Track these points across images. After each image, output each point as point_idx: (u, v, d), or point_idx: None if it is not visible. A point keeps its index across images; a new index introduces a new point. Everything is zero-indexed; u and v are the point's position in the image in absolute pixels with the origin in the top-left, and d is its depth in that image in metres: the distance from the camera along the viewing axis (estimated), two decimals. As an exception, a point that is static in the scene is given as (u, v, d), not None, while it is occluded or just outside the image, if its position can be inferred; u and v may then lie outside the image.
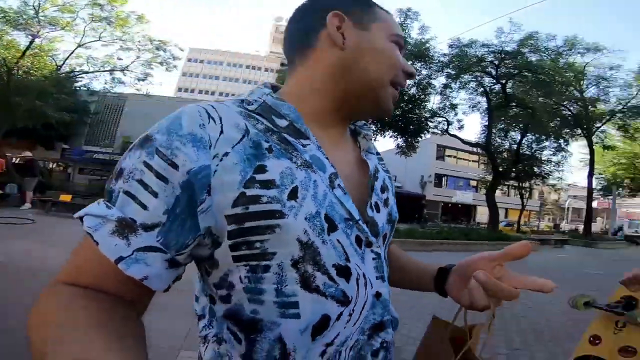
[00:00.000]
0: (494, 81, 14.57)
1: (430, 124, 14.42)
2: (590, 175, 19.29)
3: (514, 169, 18.19)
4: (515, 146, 17.54)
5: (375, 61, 0.50)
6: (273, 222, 0.39)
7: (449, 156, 33.47)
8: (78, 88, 16.34)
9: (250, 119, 0.44)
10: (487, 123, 15.71)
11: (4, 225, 5.76)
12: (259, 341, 0.41)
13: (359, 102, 0.52)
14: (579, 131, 18.27)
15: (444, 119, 15.16)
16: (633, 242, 18.75)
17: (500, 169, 16.94)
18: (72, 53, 14.06)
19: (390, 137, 14.52)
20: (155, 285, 0.38)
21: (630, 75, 16.84)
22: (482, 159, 29.17)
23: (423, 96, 13.79)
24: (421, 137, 14.18)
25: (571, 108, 17.54)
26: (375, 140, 10.72)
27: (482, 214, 34.24)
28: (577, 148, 23.05)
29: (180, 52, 18.21)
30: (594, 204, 24.66)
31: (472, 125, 47.86)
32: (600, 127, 18.91)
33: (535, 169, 19.47)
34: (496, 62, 13.87)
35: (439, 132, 15.37)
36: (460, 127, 15.83)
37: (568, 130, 18.08)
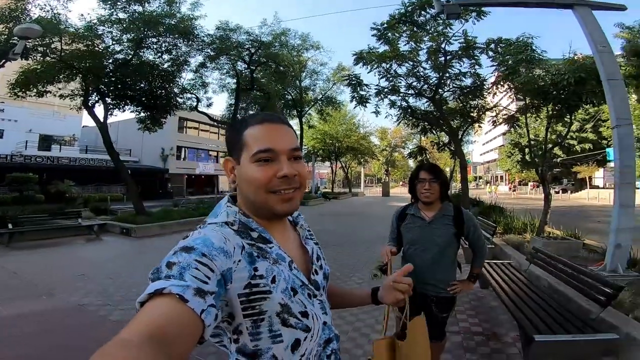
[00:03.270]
0: (246, 66, 15.15)
1: (179, 100, 13.12)
2: (300, 147, 25.18)
3: (253, 143, 20.46)
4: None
5: (248, 188, 0.73)
6: (265, 296, 0.66)
7: (191, 128, 32.38)
8: None
9: (239, 236, 0.69)
10: (233, 102, 16.38)
11: None
12: None
13: (264, 214, 0.75)
14: (295, 112, 23.11)
15: (194, 96, 14.44)
16: (327, 198, 26.57)
17: (243, 144, 18.53)
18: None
19: (132, 112, 11.94)
20: (208, 333, 0.55)
21: (331, 71, 22.85)
22: (221, 132, 30.52)
23: (177, 72, 12.17)
24: (170, 114, 12.63)
25: (292, 94, 21.61)
26: (112, 115, 7.89)
27: (225, 183, 36.59)
28: (292, 125, 29.26)
29: None
30: (302, 168, 32.83)
31: (218, 102, 49.21)
32: (308, 110, 24.87)
33: (267, 142, 23.01)
34: (252, 50, 14.45)
35: (188, 108, 14.52)
36: (209, 105, 15.85)
37: (288, 111, 22.49)
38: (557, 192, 30.93)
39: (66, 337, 3.09)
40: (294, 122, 26.73)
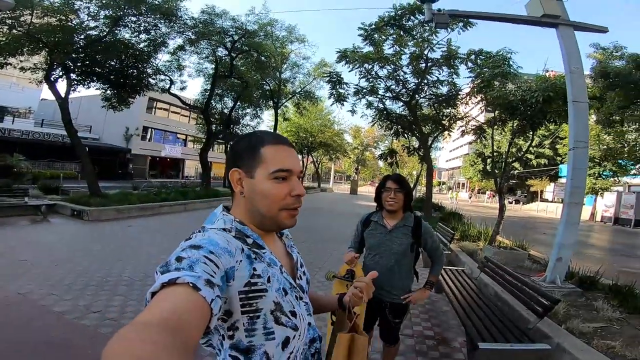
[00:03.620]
0: (227, 53, 14.65)
1: (151, 80, 12.42)
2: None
3: (226, 130, 19.88)
4: (227, 110, 19.17)
5: (262, 202, 0.79)
6: (262, 294, 0.71)
7: (161, 108, 30.80)
8: None
9: (238, 241, 0.74)
10: (209, 87, 15.79)
11: None
12: (254, 357, 0.71)
13: (268, 226, 0.81)
14: (271, 103, 22.72)
15: (168, 77, 13.74)
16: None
17: (214, 130, 17.96)
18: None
19: (98, 89, 11.15)
20: (213, 322, 0.59)
21: (313, 65, 22.65)
22: (193, 115, 29.35)
23: (153, 53, 11.49)
24: (139, 94, 11.94)
25: (271, 84, 21.21)
26: (75, 90, 7.89)
27: (191, 167, 35.32)
28: (267, 116, 28.77)
29: None
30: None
31: (192, 86, 46.84)
32: (285, 102, 24.51)
33: (238, 131, 22.44)
34: (236, 37, 14.02)
35: (159, 89, 13.82)
36: (183, 88, 15.23)
37: (264, 102, 22.07)
38: (511, 203, 33.05)
39: (3, 328, 2.85)
40: (269, 113, 26.36)
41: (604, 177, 17.64)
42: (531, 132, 8.08)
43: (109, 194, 10.26)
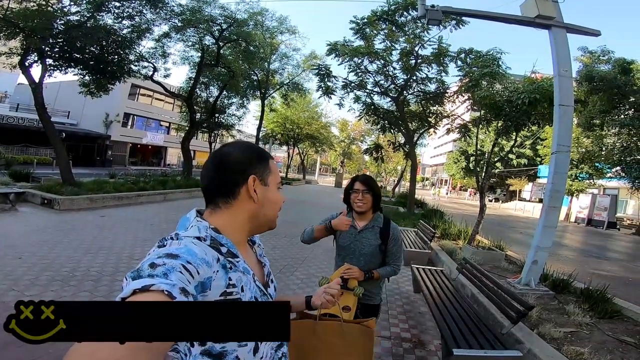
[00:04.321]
0: (214, 42, 14.19)
1: (133, 67, 11.90)
2: (259, 129, 24.43)
3: (210, 119, 19.41)
4: (212, 99, 18.68)
5: (272, 208, 0.88)
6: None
7: (144, 95, 29.75)
8: None
9: (213, 250, 0.74)
10: (193, 76, 15.33)
11: None
12: None
13: (264, 229, 0.90)
14: (258, 94, 22.32)
15: (152, 64, 13.21)
16: (280, 183, 26.32)
17: (197, 119, 17.51)
18: None
19: (75, 75, 10.61)
20: None
21: (302, 57, 22.30)
22: (177, 103, 28.49)
23: (137, 40, 10.99)
24: (120, 81, 11.43)
25: (259, 75, 20.77)
26: (50, 76, 7.59)
27: (173, 155, 34.46)
28: (253, 106, 28.24)
29: None
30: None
31: (177, 73, 45.18)
32: (272, 93, 24.13)
33: (223, 120, 21.98)
34: (224, 26, 13.56)
35: (142, 77, 13.30)
36: (167, 76, 14.84)
37: (251, 92, 21.65)
38: (490, 201, 33.90)
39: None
40: (256, 103, 25.90)
41: (580, 179, 18.24)
42: (514, 133, 8.20)
43: (82, 182, 9.84)
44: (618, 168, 15.09)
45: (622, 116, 12.88)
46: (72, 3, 9.42)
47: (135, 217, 7.83)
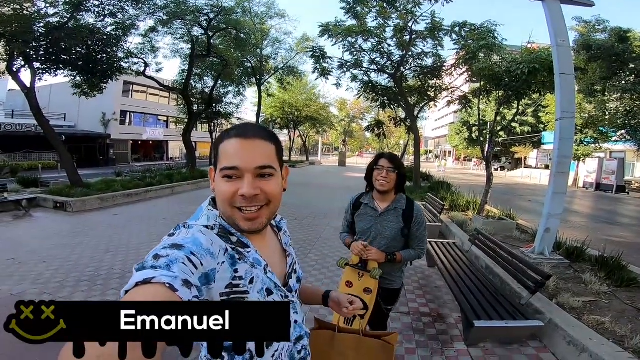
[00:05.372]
0: (203, 32, 13.89)
1: (124, 64, 11.73)
2: (258, 115, 24.26)
3: (208, 110, 19.26)
4: (208, 90, 18.48)
5: (218, 199, 0.77)
6: (243, 296, 0.71)
7: (137, 91, 29.41)
8: None
9: (221, 240, 0.73)
10: (186, 68, 15.13)
11: None
12: (238, 355, 0.73)
13: (234, 227, 0.76)
14: (254, 80, 22.01)
15: (142, 60, 13.00)
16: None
17: (195, 111, 17.40)
18: None
19: (66, 77, 10.51)
20: None
21: (295, 41, 21.82)
22: (173, 96, 28.17)
23: (123, 36, 10.76)
24: (112, 79, 11.29)
25: (252, 62, 20.40)
26: (41, 79, 7.53)
27: (175, 149, 34.44)
28: (250, 93, 27.88)
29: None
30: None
31: (169, 67, 44.34)
32: (267, 78, 23.78)
33: (221, 110, 21.81)
34: (211, 16, 13.25)
35: (133, 73, 13.12)
36: (159, 70, 14.67)
37: (247, 79, 21.33)
38: (496, 170, 33.73)
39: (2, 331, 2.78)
40: (253, 90, 25.52)
41: (585, 143, 18.04)
42: (516, 102, 8.14)
43: (90, 182, 9.92)
44: (623, 131, 14.91)
45: (623, 82, 12.65)
46: (48, 5, 9.21)
47: (147, 212, 7.95)
